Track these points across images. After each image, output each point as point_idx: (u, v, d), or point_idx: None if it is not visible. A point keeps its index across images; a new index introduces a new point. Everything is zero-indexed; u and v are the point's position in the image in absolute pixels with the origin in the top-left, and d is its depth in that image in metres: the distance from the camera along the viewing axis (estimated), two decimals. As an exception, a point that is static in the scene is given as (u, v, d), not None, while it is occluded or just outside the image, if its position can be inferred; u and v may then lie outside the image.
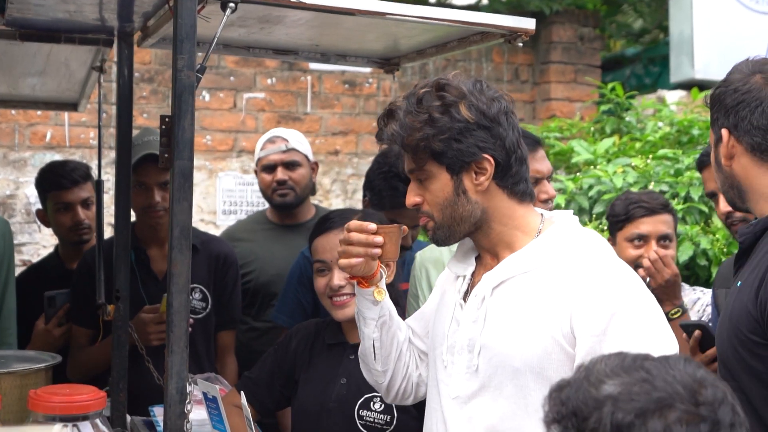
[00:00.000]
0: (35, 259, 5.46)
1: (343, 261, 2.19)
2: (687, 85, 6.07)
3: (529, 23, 2.62)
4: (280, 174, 3.78)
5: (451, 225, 2.10)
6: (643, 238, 3.30)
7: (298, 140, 3.88)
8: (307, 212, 3.90)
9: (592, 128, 5.06)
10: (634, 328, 1.93)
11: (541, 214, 2.15)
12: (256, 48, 3.18)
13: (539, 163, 3.03)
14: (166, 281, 2.20)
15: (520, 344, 2.00)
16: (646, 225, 3.28)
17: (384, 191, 3.26)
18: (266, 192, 3.85)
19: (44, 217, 3.98)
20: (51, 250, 5.42)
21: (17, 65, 3.47)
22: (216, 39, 2.34)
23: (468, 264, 2.19)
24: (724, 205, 2.53)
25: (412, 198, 2.14)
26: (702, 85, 6.11)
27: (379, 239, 2.14)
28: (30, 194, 5.46)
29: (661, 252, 3.20)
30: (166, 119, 2.22)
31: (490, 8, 6.45)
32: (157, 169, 3.28)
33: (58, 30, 2.95)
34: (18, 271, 4.13)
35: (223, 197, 5.88)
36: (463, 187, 2.08)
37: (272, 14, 2.58)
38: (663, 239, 3.30)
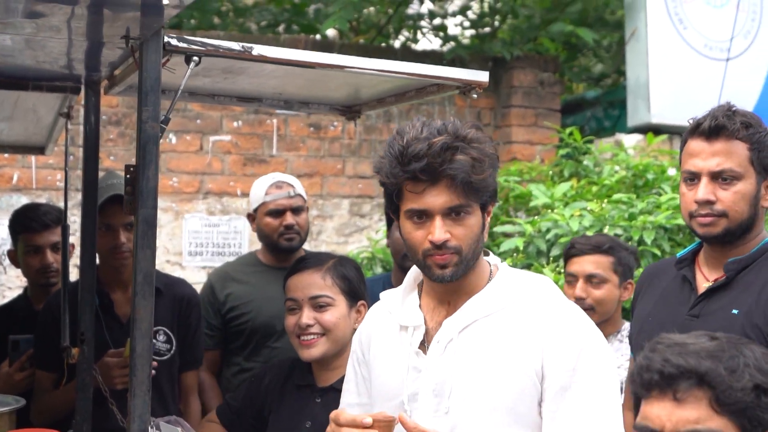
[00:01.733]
0: (0, 301, 5.47)
1: None
2: (644, 129, 6.21)
3: (482, 76, 2.70)
4: (290, 219, 3.83)
5: (470, 260, 2.10)
6: (573, 277, 3.44)
7: (299, 186, 3.96)
8: (298, 255, 3.94)
9: (551, 172, 5.18)
10: (598, 361, 2.07)
11: (487, 260, 2.22)
12: (221, 96, 3.26)
13: None
14: (129, 325, 2.25)
15: (495, 383, 2.06)
16: (575, 265, 3.43)
17: None
18: (271, 236, 3.86)
19: (14, 257, 4.03)
20: (17, 291, 5.46)
21: (-15, 111, 3.53)
22: (180, 90, 2.42)
23: (414, 315, 2.19)
24: (704, 193, 2.51)
25: (443, 234, 2.06)
26: (658, 129, 6.27)
27: None
28: (-5, 236, 5.48)
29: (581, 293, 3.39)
30: (131, 168, 2.29)
31: (452, 53, 6.58)
32: (122, 210, 3.32)
33: (26, 78, 3.01)
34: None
35: (189, 238, 5.92)
36: (485, 224, 2.13)
37: (235, 66, 2.66)
38: (590, 278, 3.42)
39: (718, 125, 2.50)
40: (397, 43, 7.65)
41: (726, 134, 2.50)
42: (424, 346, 2.16)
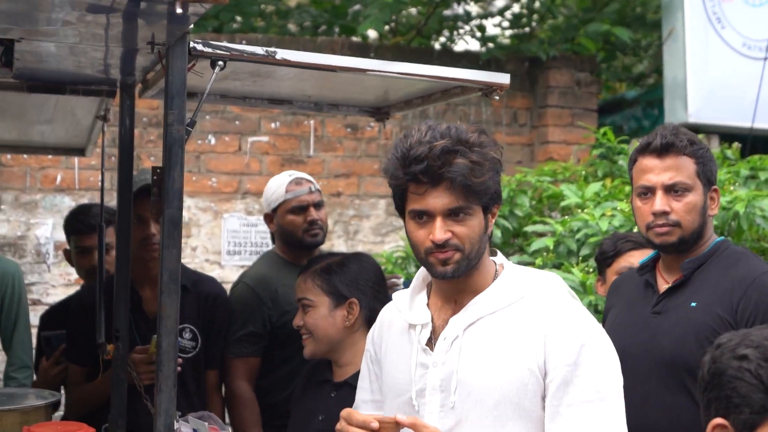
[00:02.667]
0: (44, 299, 5.61)
1: None
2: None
3: (503, 78, 2.74)
4: (313, 214, 3.80)
5: (472, 259, 2.16)
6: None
7: (315, 182, 3.98)
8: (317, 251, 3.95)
9: (584, 171, 5.18)
10: (599, 356, 2.14)
11: (493, 259, 2.29)
12: (252, 98, 3.34)
13: None
14: (156, 322, 2.33)
15: (499, 378, 2.13)
16: (635, 258, 3.42)
17: None
18: (295, 233, 3.81)
19: (69, 257, 4.18)
20: (60, 289, 5.61)
21: (27, 114, 3.64)
22: (206, 93, 2.49)
23: (422, 314, 2.27)
24: (661, 204, 2.73)
25: (443, 234, 2.13)
26: (695, 129, 6.23)
27: None
28: (40, 235, 5.62)
29: None
30: (158, 170, 2.36)
31: (488, 54, 6.60)
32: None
33: (63, 82, 3.10)
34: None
35: (228, 238, 6.01)
36: (487, 224, 2.21)
37: (261, 69, 2.72)
38: None
39: (667, 143, 2.73)
40: (437, 45, 7.68)
41: (675, 150, 2.73)
42: (431, 343, 2.23)
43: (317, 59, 2.55)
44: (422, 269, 2.33)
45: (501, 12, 7.81)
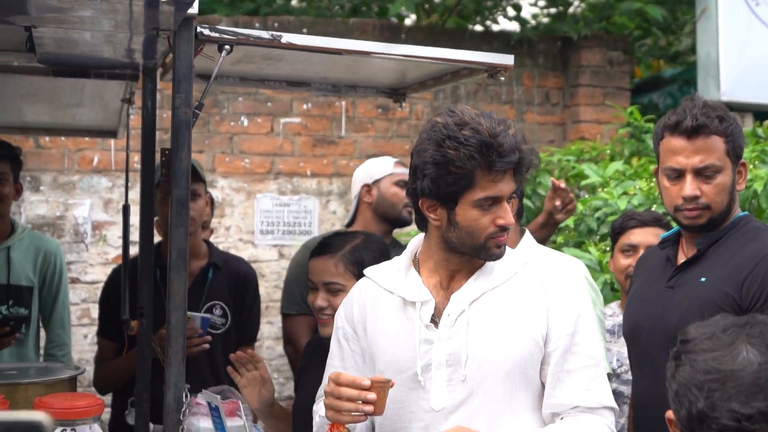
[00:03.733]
0: (83, 277, 5.77)
1: (330, 415, 2.18)
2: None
3: (507, 59, 2.78)
4: None
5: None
6: (633, 248, 3.50)
7: None
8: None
9: (609, 151, 5.19)
10: (591, 324, 2.30)
11: None
12: (270, 80, 3.41)
13: None
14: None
15: (508, 350, 2.23)
16: (637, 236, 3.49)
17: None
18: (397, 205, 4.01)
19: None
20: (98, 268, 5.76)
21: (56, 98, 3.75)
22: (214, 77, 2.56)
23: (420, 291, 2.31)
24: (691, 189, 2.66)
25: (512, 218, 2.27)
26: (729, 107, 6.18)
27: (372, 396, 2.12)
28: (78, 215, 5.77)
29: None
30: (166, 152, 2.45)
31: (518, 35, 6.60)
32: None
33: (88, 66, 3.19)
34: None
35: (260, 218, 6.11)
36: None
37: (273, 53, 2.79)
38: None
39: (699, 125, 2.62)
40: (477, 27, 7.66)
41: (706, 132, 2.63)
42: (433, 319, 2.29)
43: (321, 42, 2.61)
44: (410, 248, 2.41)
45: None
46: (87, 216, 5.74)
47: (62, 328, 4.27)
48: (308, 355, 3.11)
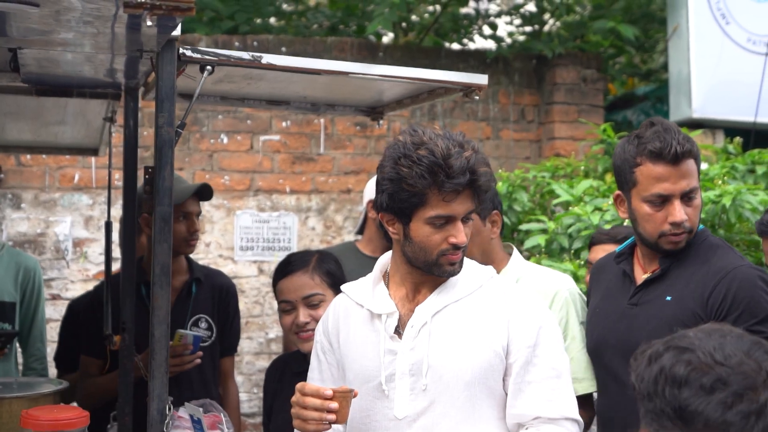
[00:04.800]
0: (63, 294, 5.80)
1: (297, 424, 2.28)
2: (685, 124, 6.25)
3: (481, 79, 2.86)
4: None
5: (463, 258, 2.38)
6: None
7: None
8: None
9: (582, 167, 5.29)
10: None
11: None
12: (250, 99, 3.48)
13: None
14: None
15: (468, 361, 2.31)
16: (597, 253, 3.56)
17: None
18: None
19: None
20: (79, 284, 5.79)
21: (40, 116, 3.80)
22: (196, 96, 2.63)
23: (386, 303, 2.40)
24: (682, 214, 2.68)
25: (464, 237, 2.30)
26: (700, 124, 6.32)
27: (334, 405, 2.22)
28: (59, 232, 5.80)
29: None
30: (149, 170, 2.50)
31: (494, 53, 6.70)
32: (197, 201, 3.75)
33: (71, 86, 3.25)
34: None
35: (240, 234, 6.17)
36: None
37: (253, 72, 2.86)
38: None
39: (684, 151, 2.65)
40: (454, 45, 7.76)
41: (687, 156, 2.67)
42: (398, 331, 2.37)
43: (300, 63, 2.69)
44: (380, 263, 2.50)
45: (511, 11, 7.88)
46: (68, 233, 5.78)
47: (41, 342, 4.34)
48: (277, 377, 3.16)
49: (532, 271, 3.15)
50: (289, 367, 3.12)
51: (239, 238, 6.15)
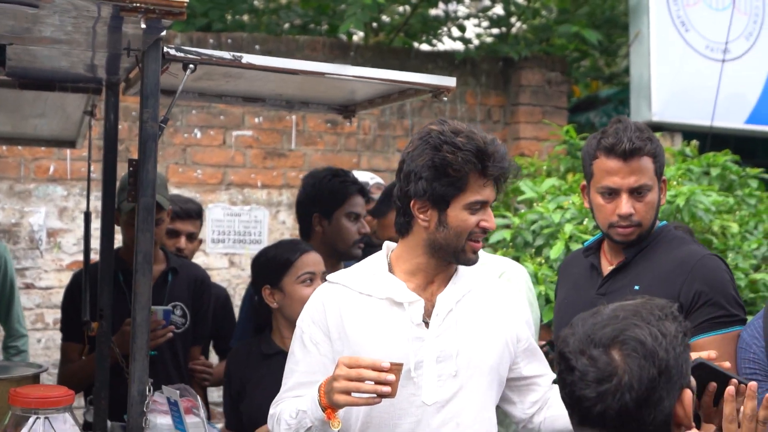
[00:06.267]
0: (37, 283, 5.90)
1: (340, 398, 2.20)
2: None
3: (450, 81, 2.99)
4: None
5: None
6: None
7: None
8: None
9: (545, 167, 5.47)
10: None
11: None
12: (227, 96, 3.59)
13: None
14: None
15: (490, 347, 2.47)
16: None
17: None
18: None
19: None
20: (53, 274, 5.88)
21: (21, 109, 3.86)
22: (179, 93, 2.75)
23: (406, 292, 2.43)
24: (627, 208, 2.81)
25: (494, 223, 2.43)
26: (659, 127, 6.53)
27: (391, 377, 2.17)
28: (33, 223, 5.89)
29: None
30: (134, 162, 2.62)
31: (462, 55, 6.86)
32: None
33: (53, 80, 3.33)
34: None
35: (212, 227, 6.28)
36: None
37: (232, 71, 2.98)
38: None
39: (635, 148, 2.76)
40: (423, 46, 7.91)
41: (640, 154, 2.78)
42: (423, 319, 2.43)
43: (279, 63, 2.81)
44: (384, 254, 2.54)
45: (479, 14, 8.05)
46: (42, 223, 5.86)
47: (19, 322, 4.58)
48: (243, 361, 3.28)
49: (489, 260, 3.30)
50: (257, 350, 3.25)
51: (211, 231, 6.25)
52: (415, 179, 2.38)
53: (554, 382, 2.62)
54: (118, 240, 3.57)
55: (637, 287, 2.80)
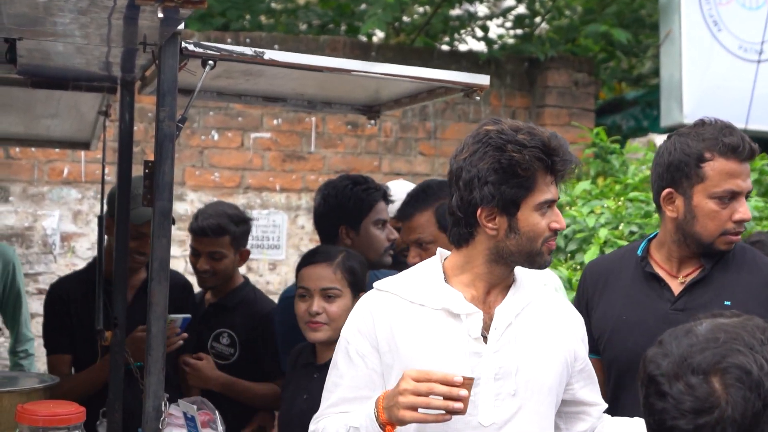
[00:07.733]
0: (48, 289, 5.79)
1: (407, 415, 2.03)
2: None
3: (483, 80, 2.84)
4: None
5: None
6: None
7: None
8: None
9: (576, 171, 5.30)
10: None
11: None
12: (247, 95, 3.46)
13: None
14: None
15: (550, 365, 2.25)
16: None
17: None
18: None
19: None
20: (65, 279, 5.76)
21: (32, 109, 3.77)
22: (197, 91, 2.61)
23: (463, 303, 2.22)
24: (749, 212, 2.65)
25: (565, 222, 2.28)
26: (691, 129, 6.34)
27: (464, 392, 2.00)
28: (47, 226, 5.78)
29: None
30: (150, 164, 2.48)
31: (486, 55, 6.72)
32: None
33: (66, 78, 3.22)
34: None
35: (229, 231, 6.14)
36: None
37: (253, 69, 2.84)
38: None
39: (753, 150, 2.62)
40: (444, 46, 7.77)
41: (754, 155, 2.65)
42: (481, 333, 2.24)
43: (303, 59, 2.66)
44: (436, 263, 2.32)
45: (503, 13, 7.91)
46: (56, 227, 5.77)
47: (26, 326, 4.52)
48: (292, 364, 3.18)
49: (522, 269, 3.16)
50: (300, 359, 3.12)
51: (228, 236, 6.11)
52: (479, 185, 2.18)
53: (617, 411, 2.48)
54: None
55: (728, 302, 2.58)
